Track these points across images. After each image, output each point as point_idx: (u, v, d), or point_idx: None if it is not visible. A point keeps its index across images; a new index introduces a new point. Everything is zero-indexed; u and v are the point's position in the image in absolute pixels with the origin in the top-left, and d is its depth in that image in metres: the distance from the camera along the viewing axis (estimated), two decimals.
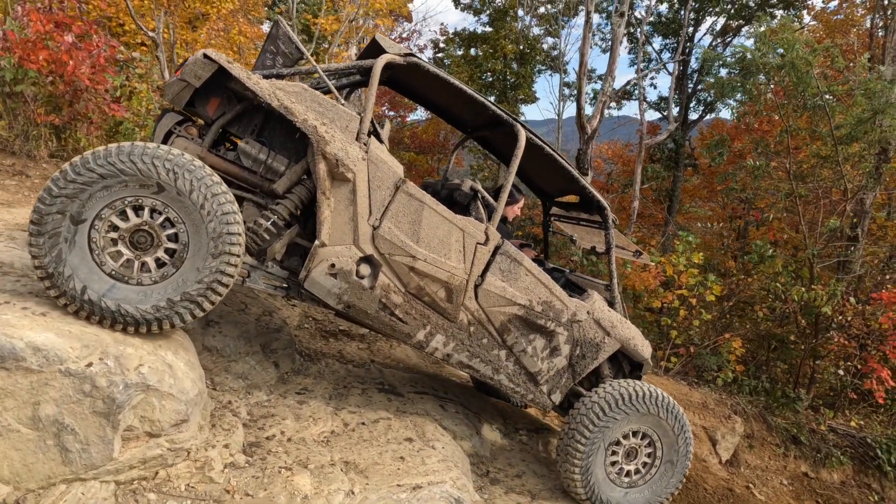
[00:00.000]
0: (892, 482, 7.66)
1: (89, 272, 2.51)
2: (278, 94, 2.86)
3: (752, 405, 7.72)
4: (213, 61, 2.82)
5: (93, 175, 2.44)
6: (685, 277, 7.80)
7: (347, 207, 3.00)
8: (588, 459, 3.49)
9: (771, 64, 8.11)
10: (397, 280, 3.19)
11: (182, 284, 2.63)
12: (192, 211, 2.59)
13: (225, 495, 2.55)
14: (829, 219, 8.52)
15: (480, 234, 3.32)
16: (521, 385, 3.60)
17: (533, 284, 3.50)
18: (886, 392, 8.08)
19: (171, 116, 3.06)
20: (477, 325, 3.43)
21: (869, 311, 8.01)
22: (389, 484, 2.85)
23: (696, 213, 18.36)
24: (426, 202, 3.17)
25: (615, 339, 3.75)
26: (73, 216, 2.46)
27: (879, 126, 7.88)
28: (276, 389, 3.64)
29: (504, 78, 20.74)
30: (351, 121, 3.02)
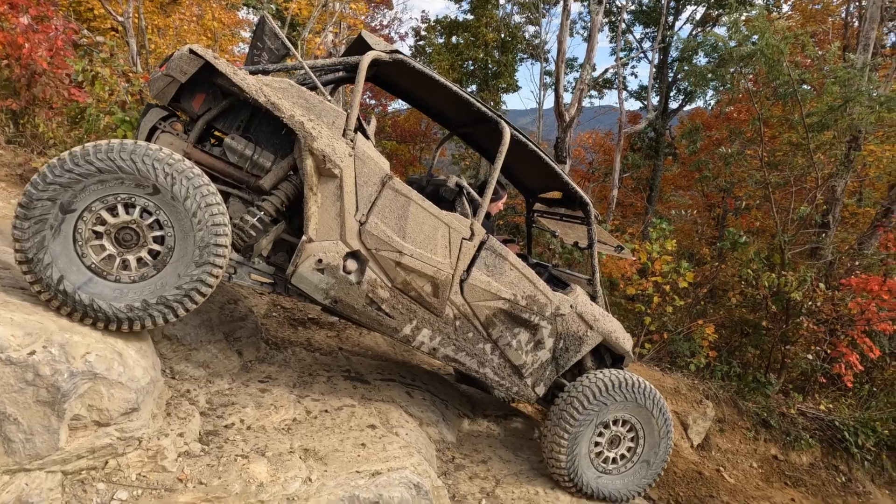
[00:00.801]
0: (859, 464, 7.84)
1: (69, 262, 2.50)
2: (265, 90, 2.85)
3: (723, 390, 7.83)
4: (199, 56, 2.80)
5: (91, 168, 2.45)
6: (659, 264, 7.87)
7: (334, 203, 3.03)
8: (573, 447, 3.57)
9: (742, 52, 8.15)
10: (384, 275, 3.23)
11: (160, 288, 2.64)
12: (184, 217, 2.61)
13: (178, 484, 2.52)
14: (801, 206, 8.63)
15: (466, 229, 3.36)
16: (505, 378, 3.67)
17: (517, 279, 3.56)
18: (854, 376, 8.24)
19: (156, 112, 3.05)
20: (462, 320, 3.48)
21: (838, 297, 8.14)
22: (348, 471, 2.83)
23: (677, 202, 18.52)
24: (412, 198, 3.20)
25: (597, 332, 3.84)
26: (63, 205, 2.45)
27: (850, 114, 7.98)
28: (239, 378, 3.60)
29: (485, 66, 20.66)
30: (338, 117, 3.03)
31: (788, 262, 8.75)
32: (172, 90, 2.89)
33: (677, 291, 8.19)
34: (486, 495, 3.47)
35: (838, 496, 7.45)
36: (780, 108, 9.52)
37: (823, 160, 9.29)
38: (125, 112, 5.92)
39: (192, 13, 11.58)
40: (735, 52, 8.31)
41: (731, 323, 9.06)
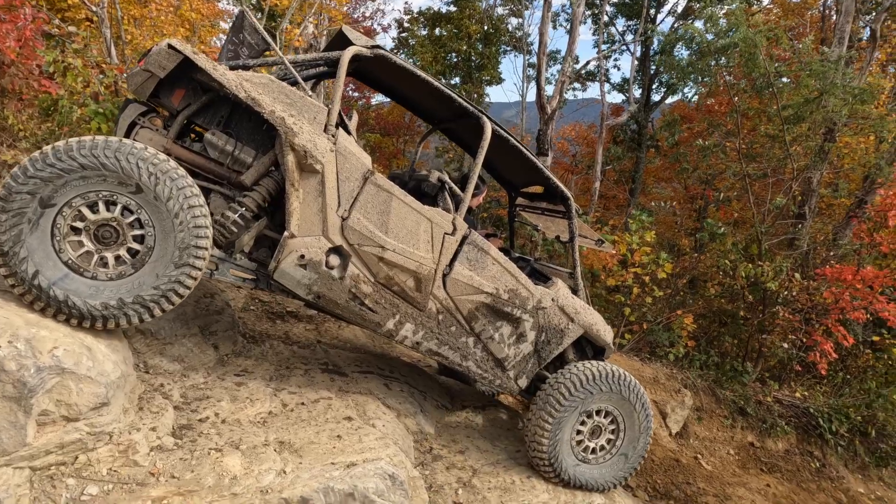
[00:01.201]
0: (833, 449, 8.02)
1: (45, 257, 2.48)
2: (245, 86, 2.83)
3: (701, 379, 7.95)
4: (178, 52, 2.77)
5: (74, 164, 2.44)
6: (638, 255, 7.94)
7: (316, 199, 3.02)
8: (556, 432, 3.63)
9: (719, 45, 8.23)
10: (367, 270, 3.24)
11: (137, 287, 2.63)
12: (165, 218, 2.61)
13: (149, 478, 2.51)
14: (777, 197, 8.75)
15: (448, 224, 3.38)
16: (488, 371, 3.71)
17: (499, 273, 3.58)
18: (829, 364, 8.41)
19: (135, 107, 3.03)
20: (445, 314, 3.50)
21: (813, 287, 8.29)
22: (323, 462, 2.84)
23: (658, 194, 18.68)
24: (395, 193, 3.21)
25: (579, 324, 3.89)
26: (43, 199, 2.43)
27: (825, 107, 8.09)
28: (215, 372, 3.58)
29: (469, 58, 20.60)
30: (319, 112, 3.02)
31: (765, 252, 8.88)
32: (151, 85, 2.86)
33: (657, 282, 8.28)
34: (462, 485, 3.50)
35: (812, 481, 7.61)
36: (756, 100, 9.63)
37: (800, 152, 9.43)
38: (99, 104, 5.82)
39: (170, 3, 11.39)
40: (712, 45, 8.38)
41: (710, 313, 9.19)
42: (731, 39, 7.77)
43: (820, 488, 7.56)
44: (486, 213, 14.88)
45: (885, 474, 8.20)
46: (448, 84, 20.86)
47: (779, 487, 7.14)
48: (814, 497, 7.36)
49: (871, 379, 9.05)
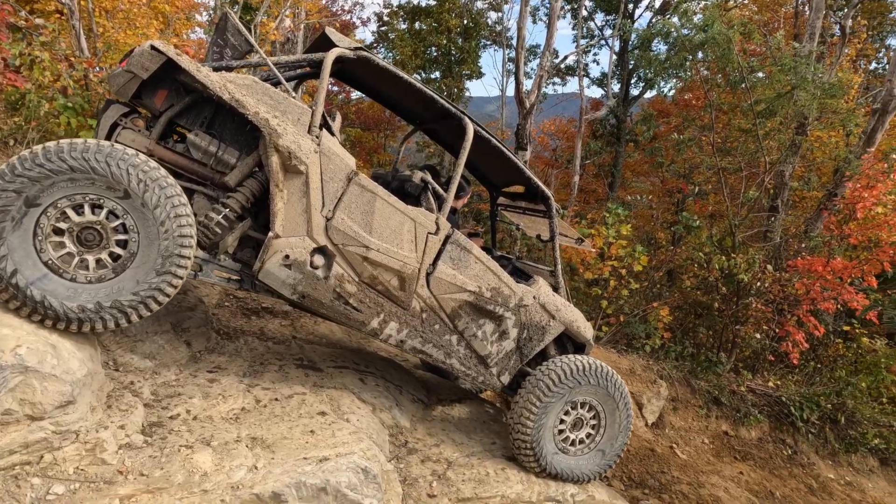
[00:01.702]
0: (804, 437, 8.22)
1: (25, 256, 2.46)
2: (229, 87, 2.83)
3: (677, 370, 8.08)
4: (160, 53, 2.76)
5: (63, 166, 2.44)
6: (615, 249, 8.03)
7: (301, 199, 3.03)
8: (540, 422, 3.69)
9: (694, 41, 8.34)
10: (351, 270, 3.25)
11: (116, 292, 2.62)
12: (151, 225, 2.61)
13: (118, 476, 2.49)
14: (751, 190, 8.91)
15: (431, 224, 3.41)
16: (472, 368, 3.77)
17: (482, 272, 3.64)
18: (801, 354, 8.61)
19: (117, 108, 3.00)
20: (429, 312, 3.54)
21: (785, 278, 8.46)
22: (296, 457, 2.84)
23: (637, 188, 18.87)
24: (378, 193, 3.23)
25: (560, 321, 3.96)
26: (28, 198, 2.42)
27: (796, 101, 8.24)
28: (187, 368, 3.55)
29: (449, 53, 20.56)
30: (302, 113, 3.02)
31: (739, 245, 9.04)
32: (134, 86, 2.85)
33: (633, 275, 8.39)
34: (437, 477, 3.52)
35: (784, 468, 7.80)
36: (731, 95, 9.77)
37: (772, 146, 9.60)
38: (68, 98, 5.72)
39: None
40: (688, 40, 8.49)
41: (686, 305, 9.34)
42: (706, 35, 7.88)
43: (791, 474, 7.75)
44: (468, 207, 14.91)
45: (853, 460, 8.42)
46: (430, 85, 20.84)
47: (751, 474, 7.30)
48: (785, 483, 7.54)
49: (841, 368, 9.28)
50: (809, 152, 10.48)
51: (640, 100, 21.15)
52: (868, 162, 8.65)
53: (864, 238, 8.35)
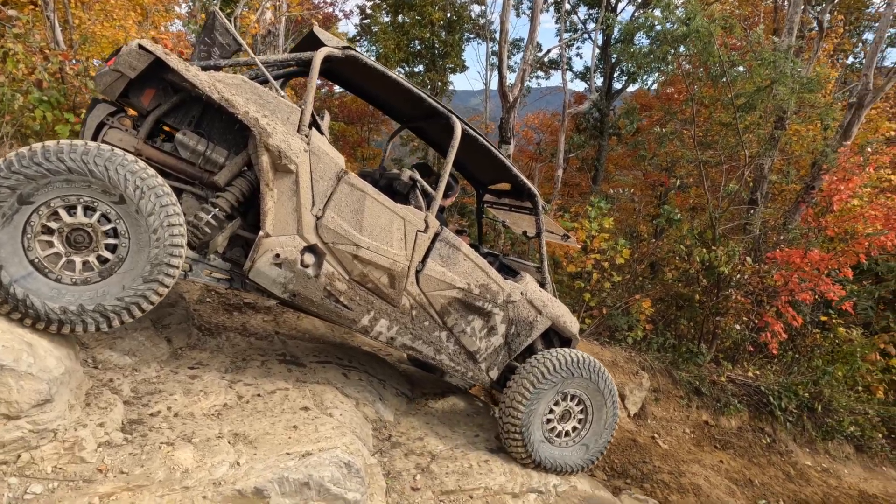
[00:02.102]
0: (782, 425, 8.38)
1: (12, 253, 2.44)
2: (218, 87, 2.83)
3: (659, 361, 8.18)
4: (149, 52, 2.75)
5: (61, 166, 2.44)
6: (597, 242, 8.10)
7: (291, 198, 3.04)
8: (528, 424, 3.78)
9: (675, 34, 8.40)
10: (341, 268, 3.28)
11: (101, 296, 2.61)
12: (143, 231, 2.62)
13: (97, 475, 2.47)
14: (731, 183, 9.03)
15: (420, 222, 3.46)
16: (461, 364, 3.82)
17: (471, 268, 3.69)
18: (779, 344, 8.77)
19: (104, 107, 2.99)
20: (419, 309, 3.58)
21: (764, 270, 8.59)
22: (278, 453, 2.83)
23: (620, 182, 19.00)
24: (368, 192, 3.26)
25: (546, 317, 4.03)
26: (22, 195, 2.41)
27: (775, 95, 8.35)
28: (168, 365, 3.53)
29: (432, 46, 20.49)
30: (292, 113, 3.04)
31: (720, 237, 9.16)
32: (121, 86, 2.83)
33: (615, 268, 8.47)
34: (420, 470, 3.54)
35: (763, 456, 7.95)
36: (712, 89, 9.88)
37: (752, 140, 9.72)
38: (43, 91, 5.61)
39: None
40: (669, 33, 8.56)
41: (667, 297, 9.45)
42: (687, 29, 7.95)
43: (770, 462, 7.91)
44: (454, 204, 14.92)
45: (830, 447, 8.61)
46: (414, 79, 20.76)
47: (731, 463, 7.43)
48: (764, 471, 7.69)
49: (818, 357, 9.47)
50: (788, 146, 10.63)
51: (623, 93, 21.26)
52: (844, 155, 8.80)
53: (841, 230, 8.51)
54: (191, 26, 8.68)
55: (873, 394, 9.78)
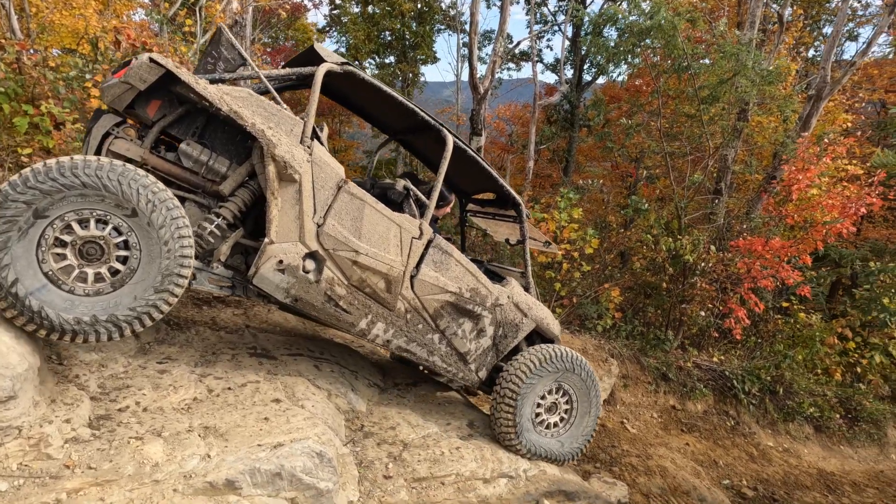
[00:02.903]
0: (746, 408, 8.67)
1: (27, 266, 2.48)
2: (226, 99, 2.93)
3: (627, 348, 8.37)
4: (159, 66, 2.84)
5: (76, 181, 2.50)
6: (567, 232, 8.22)
7: (293, 206, 3.16)
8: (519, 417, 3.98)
9: (641, 27, 8.54)
10: (341, 273, 3.41)
11: (113, 306, 2.67)
12: (154, 244, 2.70)
13: (64, 471, 2.44)
14: (695, 174, 9.24)
15: (415, 229, 3.63)
16: (452, 365, 4.00)
17: (462, 273, 3.88)
18: (743, 329, 9.05)
19: (109, 118, 3.04)
20: (413, 313, 3.75)
21: (728, 258, 8.84)
22: (249, 445, 2.84)
23: (591, 173, 19.25)
24: (367, 201, 3.41)
25: (531, 319, 4.25)
26: (37, 210, 2.46)
27: (737, 87, 8.56)
28: (136, 360, 3.49)
29: (403, 37, 20.37)
30: (295, 125, 3.16)
31: (685, 227, 9.38)
32: (130, 97, 2.91)
33: (585, 258, 8.61)
34: (393, 459, 3.59)
35: (727, 438, 8.22)
36: (677, 81, 10.07)
37: (716, 131, 9.96)
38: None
39: None
40: (636, 26, 8.70)
41: (636, 285, 9.66)
42: (652, 22, 8.09)
43: (734, 444, 8.18)
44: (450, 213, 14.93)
45: (791, 428, 8.95)
46: (385, 69, 20.62)
47: (697, 445, 7.67)
48: (728, 452, 7.96)
49: (780, 342, 9.80)
50: (751, 137, 10.92)
51: (594, 85, 21.48)
52: (803, 146, 9.09)
53: (800, 218, 8.80)
54: (154, 15, 8.48)
55: (831, 376, 10.18)
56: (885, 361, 10.42)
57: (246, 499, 2.64)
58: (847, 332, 10.35)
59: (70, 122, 5.59)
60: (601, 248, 9.43)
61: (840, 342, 10.35)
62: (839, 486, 8.03)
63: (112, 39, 6.40)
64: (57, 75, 5.93)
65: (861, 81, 16.14)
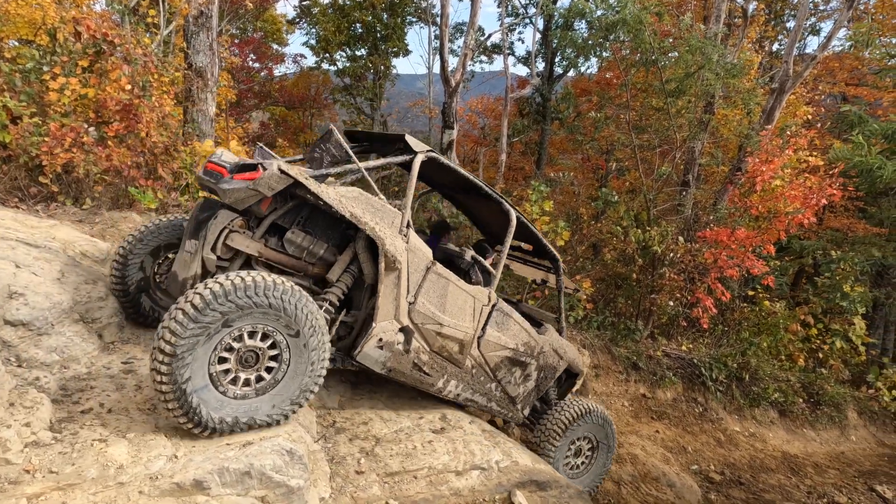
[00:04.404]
0: (713, 395, 8.89)
1: (200, 366, 2.71)
2: (344, 202, 3.26)
3: (598, 339, 8.49)
4: (289, 176, 3.13)
5: (265, 301, 2.80)
6: (538, 225, 8.28)
7: (393, 290, 3.51)
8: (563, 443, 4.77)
9: (607, 21, 8.62)
10: (425, 342, 3.82)
11: (253, 411, 2.92)
12: (303, 363, 3.00)
13: (24, 475, 2.39)
14: (663, 166, 9.39)
15: (486, 298, 4.12)
16: (504, 407, 4.62)
17: (518, 331, 4.43)
18: (710, 318, 9.25)
19: (228, 214, 3.32)
20: (478, 368, 4.26)
21: (695, 249, 9.02)
22: (217, 444, 2.81)
23: (563, 166, 19.39)
24: (451, 279, 3.85)
25: (565, 360, 4.94)
26: (227, 320, 2.73)
27: (702, 81, 8.71)
28: (99, 361, 3.42)
29: (374, 29, 20.15)
30: (395, 217, 3.53)
31: (654, 218, 9.53)
32: (253, 200, 3.19)
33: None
34: (365, 454, 3.58)
35: (696, 424, 8.42)
36: (645, 74, 10.20)
37: (683, 124, 10.12)
38: None
39: None
40: (603, 20, 8.77)
41: (607, 277, 9.79)
42: (619, 16, 8.17)
43: (702, 430, 8.39)
44: None
45: (756, 413, 9.21)
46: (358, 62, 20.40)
47: (667, 432, 7.84)
48: (697, 438, 8.16)
49: (746, 329, 10.06)
50: (716, 129, 11.13)
51: (565, 78, 21.59)
52: (766, 138, 9.30)
53: (764, 209, 9.02)
54: (115, 6, 8.23)
55: (795, 362, 10.50)
56: (845, 347, 10.79)
57: (215, 499, 2.61)
58: (809, 319, 10.68)
59: (27, 115, 5.41)
60: (573, 239, 9.53)
61: (803, 329, 10.67)
62: (802, 467, 8.31)
63: (71, 30, 6.19)
64: (13, 67, 5.73)
65: (822, 75, 16.58)
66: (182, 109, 7.96)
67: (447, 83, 11.50)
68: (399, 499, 3.41)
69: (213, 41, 7.98)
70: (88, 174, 5.60)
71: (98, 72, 6.22)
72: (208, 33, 7.91)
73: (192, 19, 7.84)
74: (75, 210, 5.56)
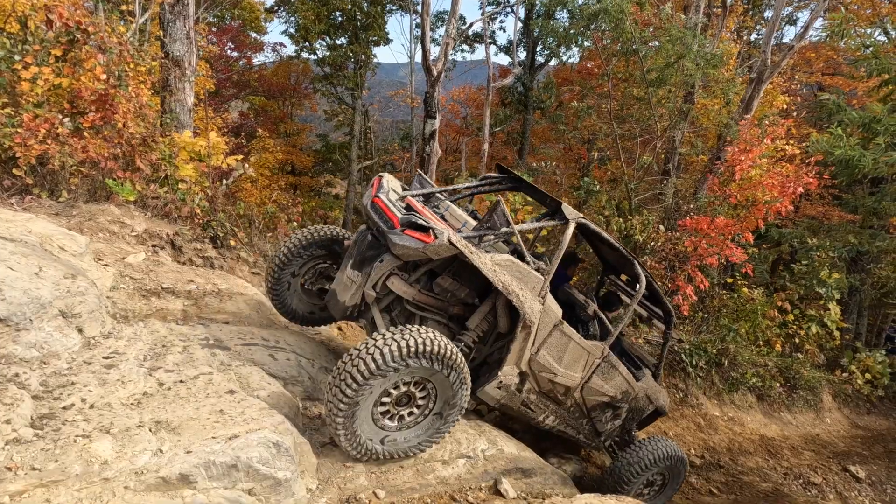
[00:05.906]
0: (694, 380, 9.03)
1: (365, 408, 3.24)
2: (497, 271, 3.64)
3: None
4: (455, 247, 3.47)
5: (430, 362, 3.27)
6: (521, 215, 8.31)
7: (522, 343, 3.94)
8: (638, 480, 4.90)
9: (589, 11, 8.64)
10: (536, 384, 4.27)
11: (395, 444, 3.47)
12: (447, 408, 3.53)
13: (6, 473, 2.36)
14: (644, 155, 9.48)
15: (599, 352, 4.45)
16: (590, 439, 5.09)
17: (620, 382, 4.76)
18: (690, 306, 9.38)
19: (392, 260, 3.73)
20: (576, 407, 4.71)
21: (676, 237, 9.13)
22: (203, 437, 2.80)
23: (546, 155, 19.45)
24: (573, 338, 4.21)
25: (655, 405, 5.33)
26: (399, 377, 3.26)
27: (682, 70, 8.78)
28: (80, 356, 3.37)
29: (354, 18, 19.95)
30: (537, 283, 3.84)
31: (636, 207, 9.62)
32: (419, 257, 3.56)
33: (539, 239, 8.73)
34: None
35: (677, 410, 8.55)
36: (625, 64, 10.25)
37: (664, 114, 10.20)
38: None
39: None
40: (585, 10, 8.79)
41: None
42: (600, 5, 8.19)
43: (683, 415, 8.53)
44: None
45: (735, 398, 9.38)
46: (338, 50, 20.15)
47: None
48: (678, 423, 8.30)
49: (725, 316, 10.22)
50: (696, 119, 11.24)
51: (547, 67, 21.60)
52: (745, 128, 9.42)
53: (743, 198, 9.15)
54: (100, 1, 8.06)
55: (772, 347, 10.70)
56: (820, 332, 11.03)
57: (201, 492, 2.60)
58: (786, 305, 10.88)
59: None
60: (555, 229, 9.58)
61: (780, 315, 10.88)
62: (779, 450, 8.51)
63: (43, 18, 6.03)
64: None
65: (799, 64, 16.80)
66: (159, 99, 7.82)
67: (429, 72, 11.44)
68: (386, 488, 3.43)
69: (190, 29, 7.83)
70: (64, 166, 5.49)
71: (72, 61, 6.08)
72: (185, 21, 7.76)
73: (168, 7, 7.68)
74: (51, 203, 5.45)
